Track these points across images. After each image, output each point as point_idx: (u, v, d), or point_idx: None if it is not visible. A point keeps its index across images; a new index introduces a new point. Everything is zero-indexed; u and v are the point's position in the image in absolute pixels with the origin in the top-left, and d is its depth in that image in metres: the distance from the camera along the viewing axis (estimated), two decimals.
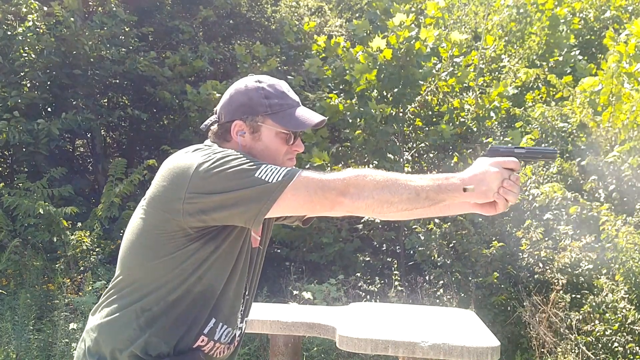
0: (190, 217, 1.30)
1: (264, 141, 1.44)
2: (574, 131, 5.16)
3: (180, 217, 1.30)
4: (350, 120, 5.86)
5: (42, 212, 5.43)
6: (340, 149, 5.96)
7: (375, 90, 5.80)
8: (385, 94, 5.87)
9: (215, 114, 1.49)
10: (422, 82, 5.75)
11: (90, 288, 4.77)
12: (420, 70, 5.61)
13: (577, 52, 6.16)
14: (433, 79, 5.80)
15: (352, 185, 1.28)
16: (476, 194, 1.31)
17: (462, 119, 5.91)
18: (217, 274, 1.38)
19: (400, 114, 5.74)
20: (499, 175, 1.30)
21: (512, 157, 1.33)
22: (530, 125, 5.45)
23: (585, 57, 6.15)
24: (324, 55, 6.32)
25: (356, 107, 5.71)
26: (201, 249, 1.34)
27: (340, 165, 5.78)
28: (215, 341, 1.43)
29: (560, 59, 6.20)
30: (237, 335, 1.52)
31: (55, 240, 5.56)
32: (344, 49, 6.05)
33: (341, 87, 6.09)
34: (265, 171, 1.28)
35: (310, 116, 1.45)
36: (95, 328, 1.40)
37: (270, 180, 1.27)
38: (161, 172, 1.36)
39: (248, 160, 1.30)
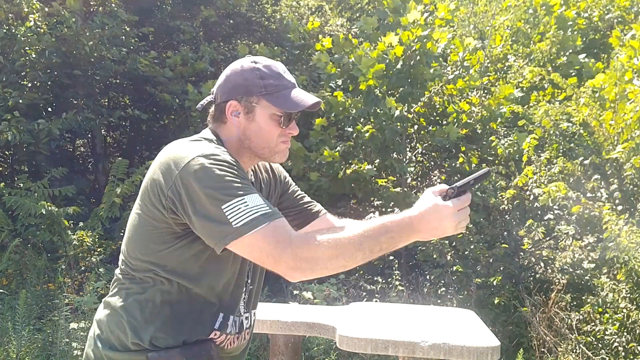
0: (172, 214, 1.31)
1: (258, 122, 1.43)
2: (579, 130, 5.13)
3: (165, 212, 1.31)
4: (355, 118, 5.82)
5: (44, 212, 5.44)
6: (343, 147, 5.93)
7: (383, 88, 5.76)
8: (392, 92, 5.83)
9: (213, 94, 1.49)
10: (430, 82, 5.72)
11: (91, 288, 4.77)
12: (431, 70, 5.59)
13: (584, 55, 6.11)
14: (440, 80, 5.77)
15: (304, 260, 1.24)
16: (430, 236, 1.31)
17: (468, 121, 5.88)
18: (212, 271, 1.38)
19: (406, 113, 5.71)
20: (454, 221, 1.29)
21: (464, 194, 1.31)
22: (533, 125, 5.43)
23: (592, 59, 6.10)
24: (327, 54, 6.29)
25: (360, 104, 5.68)
26: (188, 247, 1.34)
27: (344, 163, 5.74)
28: (227, 334, 1.44)
29: (565, 60, 6.17)
30: (245, 326, 1.51)
31: (56, 240, 5.56)
32: (354, 45, 6.00)
33: (348, 82, 6.05)
34: (234, 208, 1.25)
35: (305, 97, 1.43)
36: (104, 317, 1.43)
37: (231, 221, 1.24)
38: (155, 163, 1.37)
39: (228, 185, 1.27)
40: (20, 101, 6.15)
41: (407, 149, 6.03)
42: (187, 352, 1.36)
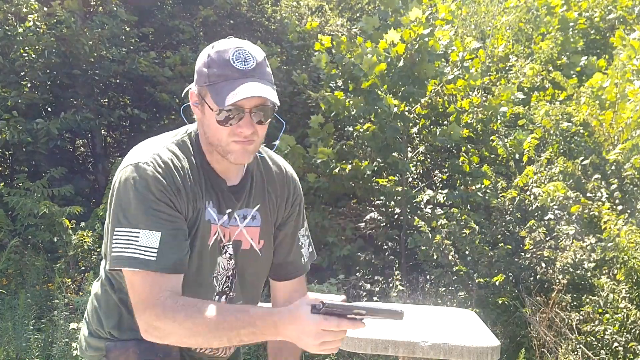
0: None
1: (207, 116, 1.28)
2: (579, 131, 5.13)
3: None
4: (355, 117, 5.80)
5: (46, 212, 5.44)
6: (344, 146, 5.92)
7: (384, 87, 5.74)
8: (393, 90, 5.82)
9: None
10: (432, 79, 5.70)
11: (90, 288, 4.76)
12: (434, 70, 5.58)
13: (586, 57, 6.09)
14: (440, 80, 5.76)
15: (156, 329, 1.22)
16: (296, 343, 1.20)
17: (469, 121, 5.87)
18: None
19: (407, 113, 5.70)
20: (316, 340, 1.15)
21: (338, 317, 1.14)
22: (533, 125, 5.43)
23: (594, 58, 6.09)
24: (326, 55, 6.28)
25: (362, 104, 5.66)
26: None
27: (343, 162, 5.72)
28: None
29: (566, 60, 6.17)
30: None
31: (55, 240, 5.55)
32: (355, 45, 5.97)
33: (349, 82, 6.03)
34: (123, 236, 1.23)
35: (242, 92, 1.20)
36: (89, 303, 1.49)
37: (112, 247, 1.24)
38: None
39: (134, 208, 1.22)
40: (20, 101, 6.14)
41: (408, 149, 6.02)
42: (143, 345, 1.34)
